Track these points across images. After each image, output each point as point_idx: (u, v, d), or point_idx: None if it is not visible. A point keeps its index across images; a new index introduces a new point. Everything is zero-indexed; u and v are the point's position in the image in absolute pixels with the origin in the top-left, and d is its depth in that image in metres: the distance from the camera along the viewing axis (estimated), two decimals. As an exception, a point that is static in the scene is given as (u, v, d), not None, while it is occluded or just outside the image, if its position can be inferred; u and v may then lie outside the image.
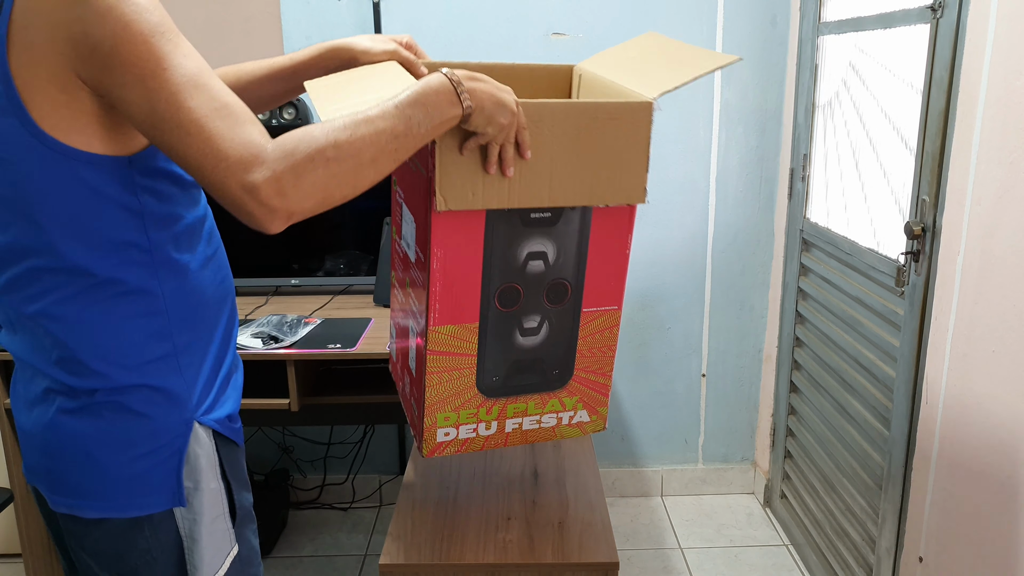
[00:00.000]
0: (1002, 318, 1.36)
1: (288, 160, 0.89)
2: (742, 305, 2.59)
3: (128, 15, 0.85)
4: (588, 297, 1.28)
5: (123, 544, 1.03)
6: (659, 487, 2.74)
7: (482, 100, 1.03)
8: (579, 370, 1.35)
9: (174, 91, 0.87)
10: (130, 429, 1.00)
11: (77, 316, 0.96)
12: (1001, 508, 1.37)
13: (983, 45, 1.40)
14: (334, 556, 2.43)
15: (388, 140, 0.95)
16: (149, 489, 1.01)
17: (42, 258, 0.94)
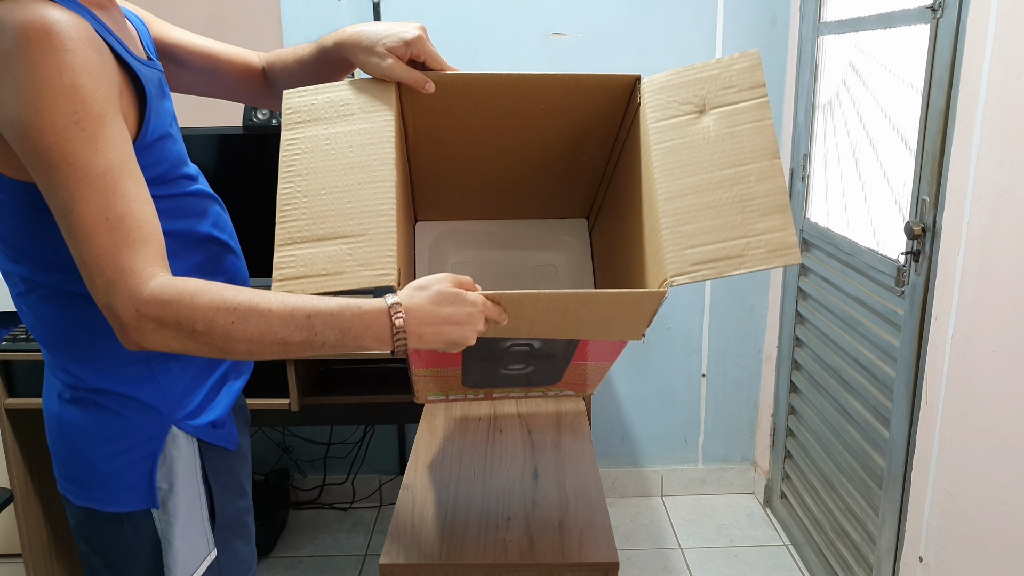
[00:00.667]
0: (1002, 318, 1.36)
1: (155, 310, 0.85)
2: (742, 305, 2.59)
3: (44, 99, 0.81)
4: (581, 351, 1.20)
5: (107, 534, 1.05)
6: (659, 487, 2.74)
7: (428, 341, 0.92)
8: (566, 380, 1.35)
9: (71, 193, 0.83)
10: (108, 426, 1.02)
11: (50, 318, 1.00)
12: (1001, 508, 1.37)
13: (983, 45, 1.39)
14: (334, 556, 2.43)
15: (275, 344, 0.88)
16: (126, 487, 1.03)
17: (18, 267, 0.98)
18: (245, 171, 2.25)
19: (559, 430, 1.73)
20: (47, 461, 2.15)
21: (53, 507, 2.18)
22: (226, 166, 2.25)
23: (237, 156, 2.25)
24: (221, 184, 2.27)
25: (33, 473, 2.11)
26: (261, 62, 1.27)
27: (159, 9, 2.36)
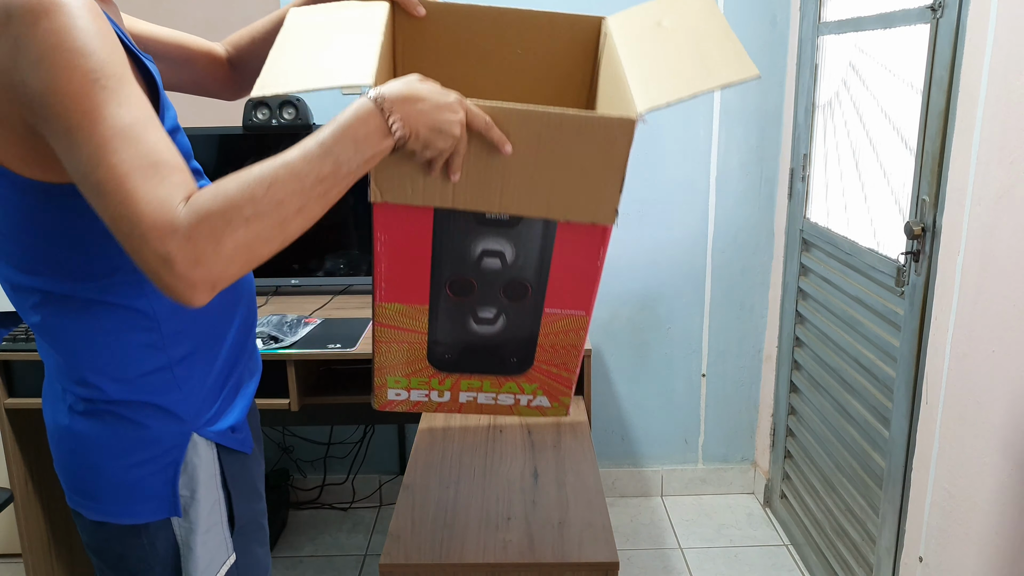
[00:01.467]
0: (1002, 318, 1.36)
1: (203, 225, 0.79)
2: (742, 305, 2.59)
3: (61, 63, 0.79)
4: (551, 299, 1.18)
5: (123, 548, 1.04)
6: (659, 487, 2.74)
7: (416, 127, 0.90)
8: (540, 362, 1.27)
9: (99, 145, 0.79)
10: (127, 437, 1.00)
11: (69, 331, 0.97)
12: (1001, 508, 1.37)
13: (983, 45, 1.39)
14: (334, 556, 2.43)
15: (313, 184, 0.84)
16: (145, 497, 1.01)
17: (35, 278, 0.95)
18: (245, 171, 2.25)
19: (559, 430, 1.73)
20: (47, 461, 2.15)
21: (53, 507, 2.18)
22: (226, 166, 2.25)
23: (237, 156, 2.25)
24: (221, 184, 2.27)
25: (33, 473, 2.11)
26: (223, 50, 1.27)
27: (158, 9, 2.36)
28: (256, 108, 2.22)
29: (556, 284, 1.16)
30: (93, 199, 0.80)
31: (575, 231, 1.09)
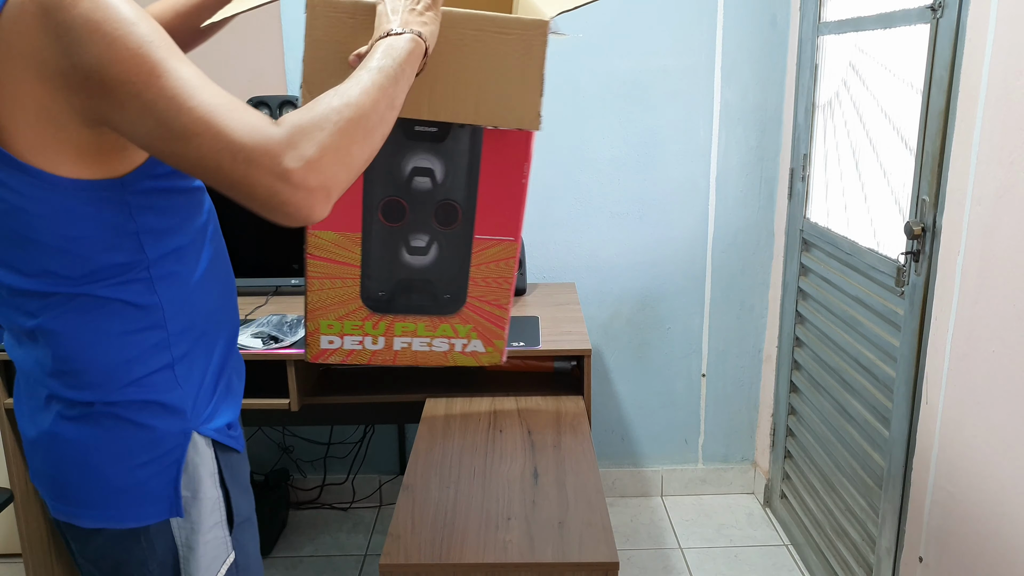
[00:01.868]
0: (1002, 318, 1.36)
1: (303, 134, 0.82)
2: (742, 305, 2.59)
3: (112, 33, 0.80)
4: (481, 224, 1.20)
5: (120, 554, 1.02)
6: (659, 487, 2.74)
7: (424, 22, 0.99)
8: (473, 298, 1.28)
9: (173, 95, 0.81)
10: (128, 439, 0.99)
11: (74, 332, 0.95)
12: (1001, 508, 1.37)
13: (983, 45, 1.39)
14: (334, 556, 2.43)
15: (389, 89, 0.91)
16: (146, 499, 1.01)
17: (40, 280, 0.93)
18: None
19: (559, 430, 1.73)
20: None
21: (53, 507, 2.18)
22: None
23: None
24: (221, 184, 2.27)
25: (33, 473, 2.11)
26: None
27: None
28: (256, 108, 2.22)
29: (485, 205, 1.19)
30: (181, 147, 0.81)
31: (501, 142, 1.14)
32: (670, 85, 2.40)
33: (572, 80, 2.40)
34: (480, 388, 1.97)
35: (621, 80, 2.40)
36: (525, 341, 1.92)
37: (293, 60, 2.38)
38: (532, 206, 2.49)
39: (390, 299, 1.25)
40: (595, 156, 2.46)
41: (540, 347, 1.89)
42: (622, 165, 2.47)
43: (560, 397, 1.90)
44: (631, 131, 2.44)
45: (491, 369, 2.08)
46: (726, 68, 2.40)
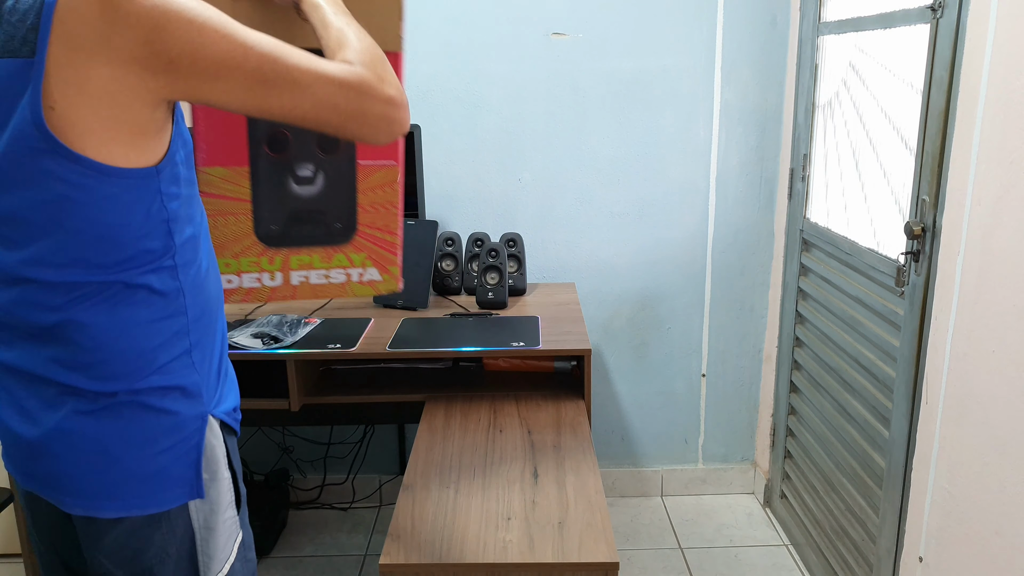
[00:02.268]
0: (1002, 318, 1.36)
1: (379, 64, 1.01)
2: (742, 305, 2.59)
3: (195, 20, 0.89)
4: (363, 149, 1.25)
5: (140, 542, 1.04)
6: (659, 487, 2.74)
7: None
8: (364, 226, 1.31)
9: (273, 60, 0.93)
10: (151, 426, 1.01)
11: (104, 322, 0.98)
12: (1001, 508, 1.37)
13: (983, 45, 1.40)
14: (334, 556, 2.43)
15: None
16: (168, 484, 1.03)
17: (72, 271, 0.95)
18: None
19: (559, 430, 1.73)
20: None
21: (53, 507, 2.18)
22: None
23: (237, 156, 2.25)
24: (221, 184, 2.26)
25: (33, 473, 2.11)
26: None
27: (159, 9, 2.36)
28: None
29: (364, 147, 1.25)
30: (297, 99, 0.95)
31: None
32: (670, 85, 2.40)
33: (572, 80, 2.40)
34: (480, 388, 1.97)
35: (621, 80, 2.40)
36: (525, 341, 1.92)
37: (293, 60, 2.38)
38: (532, 206, 2.50)
39: (283, 232, 1.28)
40: (595, 156, 2.46)
41: (540, 347, 1.89)
42: (622, 165, 2.47)
43: (560, 397, 1.90)
44: (631, 131, 2.44)
45: (491, 369, 2.08)
46: (726, 68, 2.40)
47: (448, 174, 2.47)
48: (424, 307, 2.21)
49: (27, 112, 0.87)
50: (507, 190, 2.49)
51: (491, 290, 2.22)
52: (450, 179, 2.47)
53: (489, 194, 2.49)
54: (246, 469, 2.67)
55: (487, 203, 2.50)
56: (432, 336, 1.97)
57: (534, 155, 2.46)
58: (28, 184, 0.90)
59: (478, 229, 2.52)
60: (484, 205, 2.50)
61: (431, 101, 2.41)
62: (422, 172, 2.26)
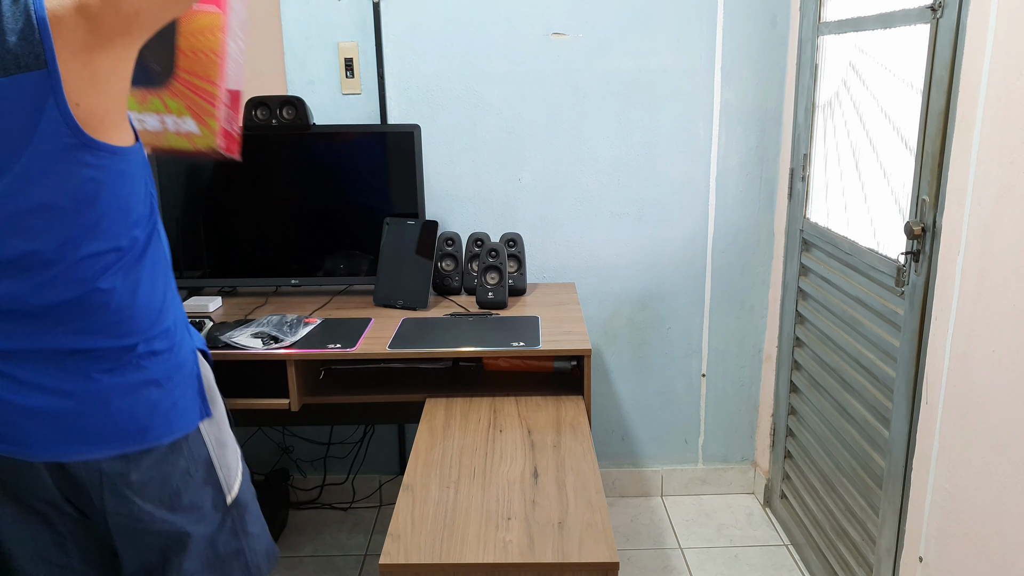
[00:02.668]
0: (1002, 318, 1.36)
1: None
2: (742, 305, 2.59)
3: None
4: None
5: (167, 468, 1.21)
6: (659, 487, 2.74)
7: None
8: (183, 71, 1.28)
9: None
10: (163, 368, 1.20)
11: (122, 285, 1.15)
12: (1001, 508, 1.37)
13: (983, 45, 1.40)
14: (334, 556, 2.43)
15: None
16: (183, 411, 1.22)
17: (99, 243, 1.11)
18: (245, 171, 2.26)
19: (559, 430, 1.73)
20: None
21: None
22: (226, 166, 2.25)
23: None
24: (220, 184, 2.27)
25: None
26: None
27: (159, 9, 2.36)
28: (256, 108, 2.22)
29: None
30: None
31: None
32: (670, 85, 2.40)
33: (572, 80, 2.40)
34: (480, 388, 1.97)
35: (621, 80, 2.40)
36: (525, 341, 1.92)
37: (293, 60, 2.38)
38: (532, 206, 2.50)
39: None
40: (595, 156, 2.46)
41: (540, 347, 1.89)
42: (622, 165, 2.47)
43: (560, 397, 1.90)
44: (631, 131, 2.44)
45: (491, 369, 2.08)
46: (726, 68, 2.40)
47: (448, 174, 2.47)
48: (424, 307, 2.21)
49: (56, 114, 1.01)
50: (507, 190, 2.49)
51: (491, 290, 2.22)
52: (450, 179, 2.47)
53: (489, 194, 2.49)
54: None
55: (487, 203, 2.50)
56: (432, 336, 1.97)
57: (534, 155, 2.46)
58: (60, 176, 1.05)
59: (478, 229, 2.52)
60: (484, 205, 2.50)
61: (431, 101, 2.41)
62: (422, 172, 2.26)
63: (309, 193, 2.27)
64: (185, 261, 2.30)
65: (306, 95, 2.40)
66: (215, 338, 1.91)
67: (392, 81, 2.40)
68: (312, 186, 2.27)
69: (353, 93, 2.40)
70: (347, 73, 2.38)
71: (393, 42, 2.37)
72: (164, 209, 2.26)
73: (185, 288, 2.33)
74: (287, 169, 2.26)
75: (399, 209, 2.28)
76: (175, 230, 2.28)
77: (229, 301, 2.31)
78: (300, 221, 2.28)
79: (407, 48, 2.38)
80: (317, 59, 2.38)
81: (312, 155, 2.25)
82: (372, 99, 2.41)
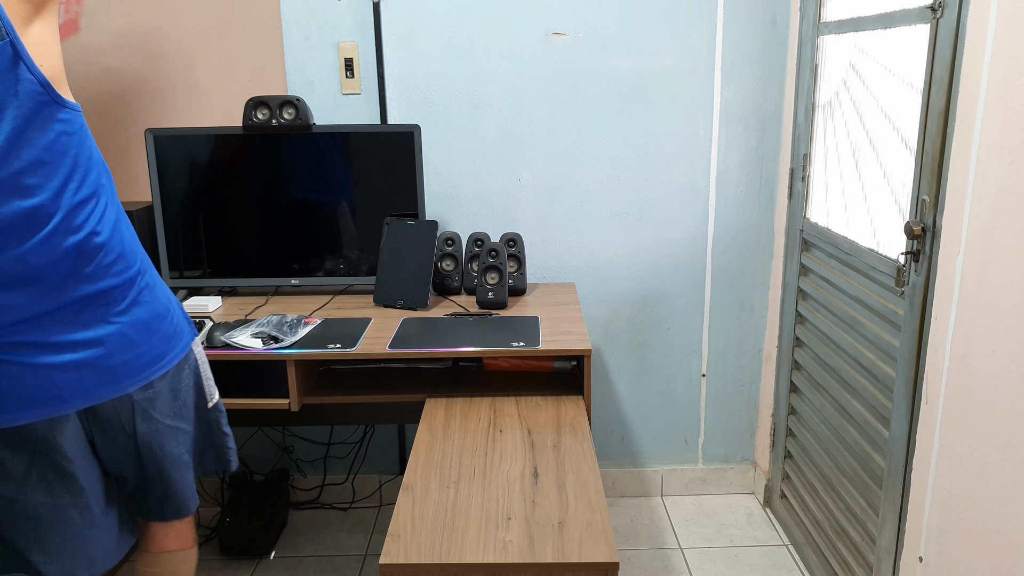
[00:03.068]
0: (1002, 318, 1.36)
1: None
2: (742, 305, 2.59)
3: None
4: None
5: (177, 382, 1.45)
6: (659, 487, 2.74)
7: None
8: None
9: None
10: (161, 300, 1.42)
11: (110, 226, 1.32)
12: (1001, 508, 1.37)
13: (983, 45, 1.40)
14: (334, 556, 2.43)
15: None
16: (182, 334, 1.46)
17: (84, 189, 1.27)
18: (245, 171, 2.26)
19: (559, 430, 1.73)
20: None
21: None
22: (226, 166, 2.25)
23: (237, 156, 2.25)
24: (220, 184, 2.27)
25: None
26: None
27: (158, 9, 2.36)
28: (256, 108, 2.22)
29: None
30: None
31: None
32: (670, 85, 2.40)
33: (572, 80, 2.40)
34: (480, 388, 1.97)
35: (621, 80, 2.40)
36: (525, 341, 1.92)
37: (293, 60, 2.38)
38: (532, 206, 2.50)
39: None
40: (595, 156, 2.46)
41: (540, 347, 1.89)
42: (622, 165, 2.47)
43: (560, 397, 1.90)
44: (631, 131, 2.44)
45: (491, 369, 2.08)
46: (726, 68, 2.40)
47: (448, 174, 2.47)
48: (424, 307, 2.21)
49: (30, 76, 1.17)
50: (507, 190, 2.49)
51: (491, 290, 2.22)
52: (450, 179, 2.47)
53: (489, 194, 2.49)
54: (246, 469, 2.67)
55: (487, 203, 2.50)
56: (432, 336, 1.97)
57: (534, 155, 2.46)
58: (42, 132, 1.20)
59: (478, 229, 2.52)
60: (484, 205, 2.50)
61: (431, 101, 2.41)
62: (422, 172, 2.26)
63: (309, 193, 2.27)
64: (185, 261, 2.30)
65: (306, 95, 2.40)
66: (215, 338, 1.91)
67: (392, 81, 2.40)
68: (312, 186, 2.27)
69: (353, 93, 2.40)
70: (347, 73, 2.38)
71: (393, 42, 2.37)
72: (165, 209, 2.27)
73: (185, 288, 2.34)
74: (287, 169, 2.26)
75: (399, 209, 2.28)
76: (175, 230, 2.28)
77: (229, 301, 2.31)
78: (300, 221, 2.28)
79: (407, 48, 2.38)
80: (317, 59, 2.38)
81: (312, 155, 2.25)
82: (372, 99, 2.41)
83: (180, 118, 2.44)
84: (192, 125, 2.40)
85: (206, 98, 2.42)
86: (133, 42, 2.38)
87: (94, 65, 2.39)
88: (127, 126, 2.44)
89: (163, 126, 2.44)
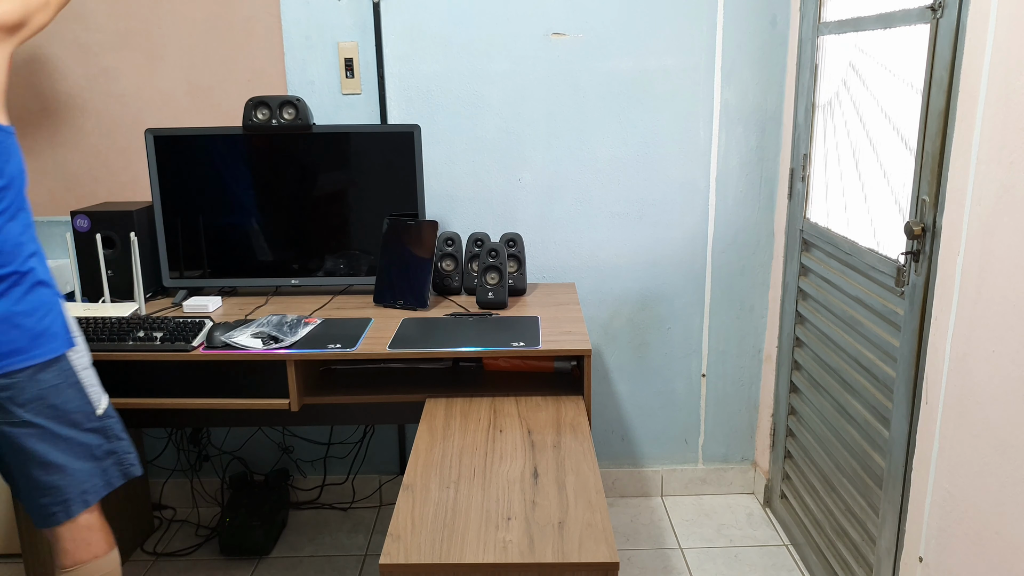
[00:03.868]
0: (1002, 318, 1.36)
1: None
2: (742, 305, 2.59)
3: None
4: None
5: (43, 382, 1.52)
6: (659, 487, 2.74)
7: None
8: None
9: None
10: (36, 303, 1.52)
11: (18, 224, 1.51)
12: (1001, 508, 1.37)
13: (983, 45, 1.40)
14: (334, 556, 2.43)
15: None
16: (55, 337, 1.54)
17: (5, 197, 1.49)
18: (245, 171, 2.26)
19: (559, 430, 1.73)
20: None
21: (53, 507, 2.18)
22: (226, 166, 2.25)
23: (237, 156, 2.25)
24: (220, 184, 2.27)
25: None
26: None
27: (158, 8, 2.36)
28: (256, 108, 2.22)
29: None
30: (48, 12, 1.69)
31: None
32: (670, 85, 2.40)
33: (572, 80, 2.40)
34: (480, 388, 1.97)
35: (621, 80, 2.40)
36: (525, 341, 1.92)
37: (293, 60, 2.38)
38: (532, 206, 2.50)
39: None
40: (595, 156, 2.46)
41: (540, 347, 1.89)
42: (622, 165, 2.47)
43: (560, 397, 1.90)
44: (631, 131, 2.44)
45: (491, 369, 2.08)
46: (726, 68, 2.40)
47: (448, 174, 2.47)
48: (424, 307, 2.21)
49: None
50: (507, 190, 2.49)
51: (491, 290, 2.22)
52: (450, 179, 2.48)
53: (489, 194, 2.49)
54: (246, 469, 2.67)
55: (487, 203, 2.50)
56: (432, 336, 1.97)
57: (534, 155, 2.46)
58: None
59: (478, 229, 2.52)
60: (484, 205, 2.50)
61: (431, 101, 2.41)
62: (422, 172, 2.26)
63: (309, 193, 2.27)
64: (185, 261, 2.30)
65: (306, 95, 2.40)
66: (215, 338, 1.91)
67: (392, 81, 2.40)
68: (312, 186, 2.27)
69: (353, 93, 2.40)
70: (347, 73, 2.38)
71: (393, 42, 2.37)
72: (165, 209, 2.27)
73: (185, 288, 2.34)
74: (287, 169, 2.26)
75: (399, 209, 2.28)
76: (175, 230, 2.28)
77: (229, 301, 2.31)
78: (300, 221, 2.28)
79: (407, 48, 2.38)
80: (317, 59, 2.38)
81: (312, 155, 2.25)
82: (372, 99, 2.41)
83: (180, 118, 2.44)
84: (192, 125, 2.40)
85: (206, 98, 2.42)
86: (133, 42, 2.38)
87: (94, 65, 2.39)
88: (127, 126, 2.44)
89: (163, 126, 2.44)
